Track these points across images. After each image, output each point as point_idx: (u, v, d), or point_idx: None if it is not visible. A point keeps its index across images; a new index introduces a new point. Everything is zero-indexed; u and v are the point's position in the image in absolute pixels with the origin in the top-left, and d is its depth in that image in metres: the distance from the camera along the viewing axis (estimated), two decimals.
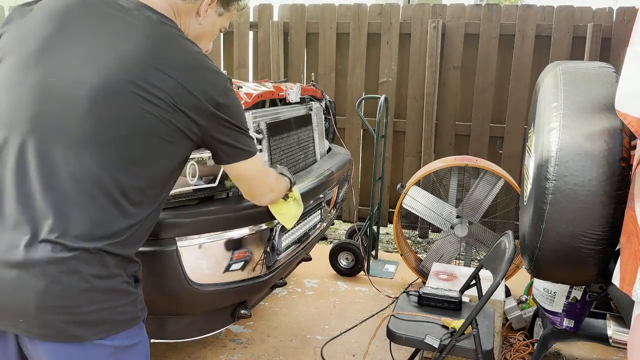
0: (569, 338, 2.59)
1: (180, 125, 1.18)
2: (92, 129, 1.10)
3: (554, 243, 1.94)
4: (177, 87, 1.15)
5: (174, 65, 1.16)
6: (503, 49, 4.37)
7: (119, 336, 1.16)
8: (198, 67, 1.21)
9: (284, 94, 2.54)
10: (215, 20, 1.39)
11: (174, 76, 1.15)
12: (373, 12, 4.61)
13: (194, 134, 1.22)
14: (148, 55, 1.15)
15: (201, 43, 1.36)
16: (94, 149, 1.10)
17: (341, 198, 3.03)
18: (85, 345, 1.12)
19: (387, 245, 4.62)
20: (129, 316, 1.18)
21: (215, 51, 4.96)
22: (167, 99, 1.14)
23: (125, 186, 1.13)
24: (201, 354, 2.72)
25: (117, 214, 1.13)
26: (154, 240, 1.79)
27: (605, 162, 1.83)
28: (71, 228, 1.08)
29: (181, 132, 1.19)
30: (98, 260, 1.10)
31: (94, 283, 1.10)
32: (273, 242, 2.06)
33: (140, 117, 1.13)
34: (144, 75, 1.13)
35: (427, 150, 4.58)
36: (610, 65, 2.11)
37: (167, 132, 1.16)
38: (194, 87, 1.17)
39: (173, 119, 1.16)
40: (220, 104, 1.23)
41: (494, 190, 3.35)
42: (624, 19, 4.13)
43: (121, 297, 1.16)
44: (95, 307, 1.11)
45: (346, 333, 2.98)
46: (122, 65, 1.12)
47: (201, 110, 1.20)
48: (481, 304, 2.01)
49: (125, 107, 1.12)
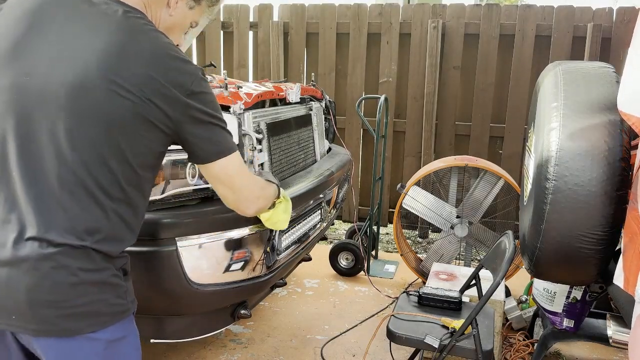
0: (569, 338, 2.59)
1: (153, 118, 1.16)
2: (67, 126, 1.11)
3: (554, 243, 1.94)
4: (147, 78, 1.14)
5: (144, 57, 1.15)
6: (503, 49, 4.37)
7: (110, 329, 1.18)
8: (168, 57, 1.19)
9: (284, 94, 2.54)
10: (186, 13, 1.37)
11: (143, 67, 1.14)
12: (373, 12, 4.61)
13: (168, 127, 1.20)
14: (117, 49, 1.14)
15: (173, 35, 1.36)
16: (70, 146, 1.11)
17: (341, 198, 3.03)
18: (78, 339, 1.14)
19: (387, 245, 4.62)
20: (120, 308, 1.20)
21: (215, 51, 4.97)
22: (138, 92, 1.13)
23: (103, 182, 1.14)
24: (201, 354, 2.72)
25: (97, 210, 1.14)
26: (154, 240, 1.79)
27: (605, 162, 1.83)
28: (54, 224, 1.10)
29: (154, 125, 1.18)
30: (84, 254, 1.12)
31: (83, 277, 1.12)
32: (273, 242, 2.06)
33: (113, 112, 1.12)
34: (115, 69, 1.12)
35: (427, 150, 4.58)
36: (610, 65, 2.11)
37: (141, 126, 1.16)
38: (164, 77, 1.16)
39: (146, 113, 1.15)
40: (192, 93, 1.20)
41: (494, 190, 3.35)
42: (624, 19, 4.13)
43: (111, 289, 1.18)
44: (85, 300, 1.13)
45: (346, 333, 2.98)
46: (93, 61, 1.12)
47: (173, 101, 1.18)
48: (481, 304, 2.01)
49: (98, 103, 1.12)
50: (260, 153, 2.16)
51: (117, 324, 1.19)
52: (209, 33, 4.91)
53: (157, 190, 1.84)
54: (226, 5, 4.91)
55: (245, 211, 1.47)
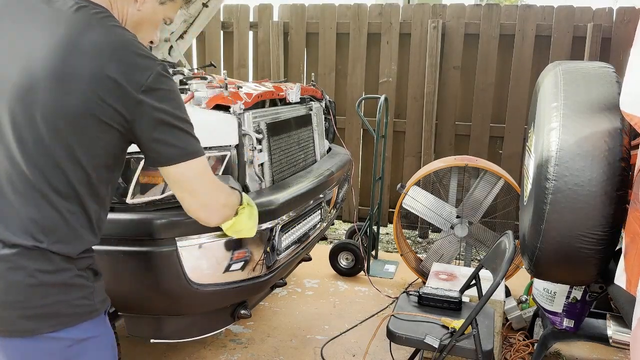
0: (569, 338, 2.59)
1: (106, 117, 1.11)
2: (15, 127, 1.10)
3: (554, 243, 1.94)
4: (96, 74, 1.09)
5: (94, 52, 1.10)
6: (503, 49, 4.37)
7: (76, 328, 1.16)
8: (123, 51, 1.12)
9: (284, 94, 2.54)
10: (157, 8, 1.30)
11: (93, 63, 1.09)
12: (373, 12, 4.61)
13: (122, 126, 1.14)
14: (64, 46, 1.10)
15: (142, 31, 1.30)
16: (19, 147, 1.10)
17: (341, 198, 3.03)
18: (38, 338, 1.13)
19: (387, 245, 4.62)
20: (86, 309, 1.18)
21: (215, 51, 4.97)
22: (86, 89, 1.08)
23: (55, 182, 1.11)
24: (201, 354, 2.72)
25: (51, 211, 1.12)
26: (154, 240, 1.79)
27: (605, 162, 1.83)
28: (8, 226, 1.10)
29: (108, 125, 1.12)
30: (42, 256, 1.11)
31: (41, 278, 1.11)
32: (273, 242, 2.06)
33: (59, 112, 1.09)
34: (60, 67, 1.09)
35: (427, 150, 4.58)
36: (610, 65, 2.11)
37: (93, 125, 1.11)
38: (116, 72, 1.10)
39: (96, 111, 1.10)
40: (148, 90, 1.12)
41: (494, 190, 3.35)
42: (624, 19, 4.13)
43: (74, 290, 1.15)
44: (46, 301, 1.12)
45: (346, 333, 2.98)
46: (39, 60, 1.09)
47: (125, 98, 1.11)
48: (481, 304, 2.01)
49: (44, 103, 1.09)
50: (260, 153, 2.16)
51: (84, 323, 1.17)
52: (209, 33, 4.91)
53: (157, 190, 1.84)
54: (226, 5, 4.91)
55: (207, 220, 1.33)
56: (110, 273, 1.84)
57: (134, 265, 1.83)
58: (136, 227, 1.80)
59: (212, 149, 1.92)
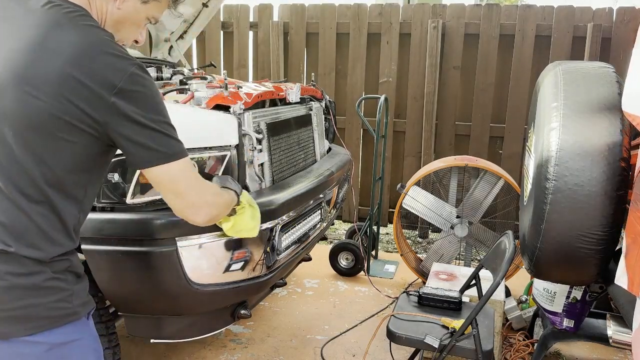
0: (569, 338, 2.59)
1: (75, 120, 1.07)
2: None
3: (554, 243, 1.94)
4: (65, 75, 1.05)
5: (64, 52, 1.06)
6: (503, 49, 4.38)
7: (54, 332, 1.14)
8: (95, 51, 1.08)
9: (284, 94, 2.54)
10: (139, 7, 1.24)
11: (62, 64, 1.05)
12: (373, 12, 4.61)
13: (94, 129, 1.10)
14: (32, 46, 1.07)
15: (123, 30, 1.26)
16: None
17: (341, 198, 3.03)
18: (14, 342, 1.11)
19: (387, 245, 4.62)
20: (63, 312, 1.15)
21: (215, 51, 4.97)
22: (53, 91, 1.05)
23: (23, 187, 1.09)
24: (201, 354, 2.72)
25: (19, 215, 1.09)
26: (154, 240, 1.79)
27: (605, 162, 1.83)
28: None
29: (78, 128, 1.08)
30: (12, 259, 1.09)
31: (13, 281, 1.09)
32: (273, 242, 2.06)
33: (25, 114, 1.06)
34: (26, 68, 1.06)
35: (427, 150, 4.58)
36: (610, 65, 2.11)
37: (61, 129, 1.07)
38: (87, 73, 1.06)
39: (64, 114, 1.06)
40: (121, 92, 1.08)
41: (494, 190, 3.35)
42: (624, 19, 4.13)
43: (49, 293, 1.13)
44: (20, 304, 1.10)
45: (346, 333, 2.98)
46: (5, 61, 1.07)
47: (95, 100, 1.07)
48: (481, 304, 2.01)
49: (10, 106, 1.06)
50: (260, 153, 2.16)
51: (63, 327, 1.15)
52: (209, 33, 4.91)
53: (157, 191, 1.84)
54: (226, 5, 4.91)
55: (193, 219, 1.28)
56: (111, 273, 1.85)
57: (134, 266, 1.83)
58: (136, 227, 1.80)
59: (212, 149, 1.92)
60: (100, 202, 1.82)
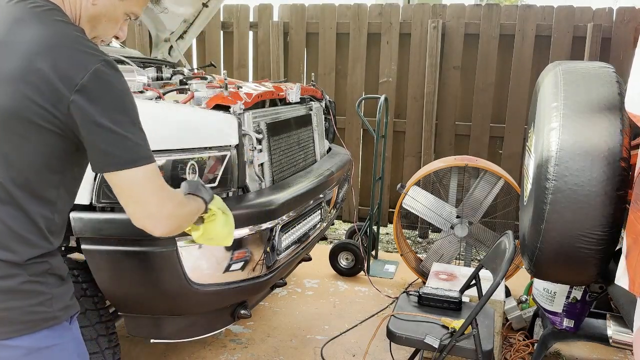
0: (569, 338, 2.60)
1: (36, 118, 1.03)
2: None
3: (554, 243, 1.94)
4: (25, 71, 1.02)
5: (26, 47, 1.03)
6: (503, 49, 4.37)
7: (32, 336, 1.11)
8: (57, 46, 1.04)
9: (284, 94, 2.54)
10: (116, 4, 1.20)
11: (23, 59, 1.02)
12: (373, 12, 4.61)
13: (57, 127, 1.06)
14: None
15: (99, 27, 1.21)
16: None
17: (341, 198, 3.03)
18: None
19: (387, 245, 4.62)
20: (42, 316, 1.12)
21: (215, 51, 4.97)
22: (15, 89, 1.02)
23: None
24: (201, 354, 2.72)
25: None
26: (154, 240, 1.79)
27: (605, 162, 1.83)
28: None
29: (38, 126, 1.04)
30: None
31: None
32: (273, 242, 2.06)
33: None
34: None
35: (427, 150, 4.58)
36: (610, 65, 2.11)
37: (22, 127, 1.04)
38: (50, 69, 1.02)
39: (25, 112, 1.03)
40: (82, 89, 1.03)
41: (494, 190, 3.35)
42: (624, 19, 4.13)
43: (26, 297, 1.10)
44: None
45: (346, 333, 2.98)
46: None
47: (55, 97, 1.03)
48: (481, 304, 2.01)
49: None
50: (260, 153, 2.16)
51: (41, 331, 1.12)
52: (209, 33, 4.91)
53: None
54: (226, 5, 4.91)
55: (152, 230, 1.18)
56: (111, 273, 1.85)
57: (134, 266, 1.83)
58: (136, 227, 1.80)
59: (212, 149, 1.92)
60: (100, 202, 1.82)
